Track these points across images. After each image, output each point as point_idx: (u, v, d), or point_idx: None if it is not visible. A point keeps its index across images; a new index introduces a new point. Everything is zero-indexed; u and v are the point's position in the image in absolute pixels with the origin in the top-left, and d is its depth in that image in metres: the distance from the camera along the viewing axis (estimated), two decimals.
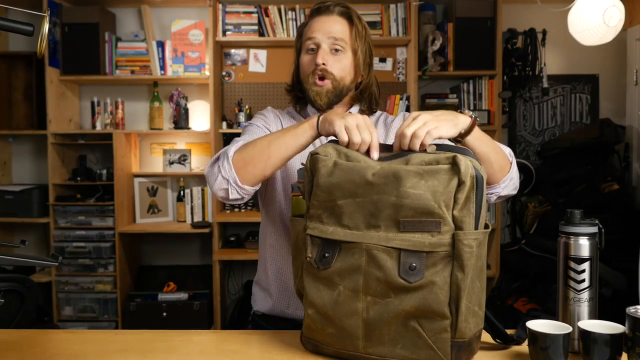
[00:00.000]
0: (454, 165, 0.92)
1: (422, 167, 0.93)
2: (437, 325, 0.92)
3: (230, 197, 1.19)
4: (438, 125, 1.03)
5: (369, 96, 1.41)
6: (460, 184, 0.91)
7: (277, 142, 1.16)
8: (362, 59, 1.36)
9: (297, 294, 1.12)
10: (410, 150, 1.01)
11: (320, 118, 1.14)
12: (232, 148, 1.20)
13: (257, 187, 1.21)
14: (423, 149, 1.01)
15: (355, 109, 1.42)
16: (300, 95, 1.41)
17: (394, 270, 0.92)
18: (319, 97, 1.34)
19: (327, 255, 0.99)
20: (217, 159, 1.21)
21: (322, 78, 1.34)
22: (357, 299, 0.96)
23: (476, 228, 0.93)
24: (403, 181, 0.93)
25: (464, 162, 0.92)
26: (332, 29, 1.34)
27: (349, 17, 1.36)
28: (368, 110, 1.42)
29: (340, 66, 1.34)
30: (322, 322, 1.00)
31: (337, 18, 1.36)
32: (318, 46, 1.34)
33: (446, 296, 0.91)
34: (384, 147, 1.06)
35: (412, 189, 0.92)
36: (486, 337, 1.06)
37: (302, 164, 1.10)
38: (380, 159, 1.02)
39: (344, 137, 1.05)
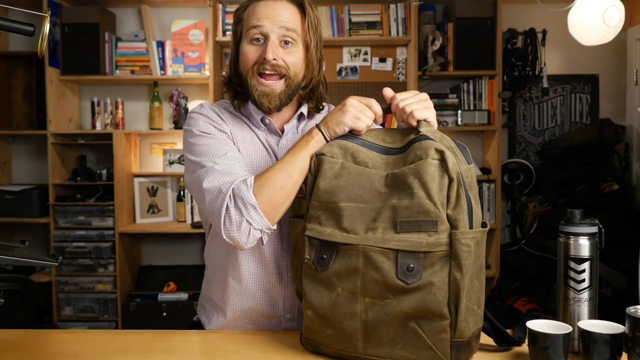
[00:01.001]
0: (442, 162, 0.92)
1: (416, 165, 0.93)
2: (436, 325, 0.92)
3: (264, 242, 1.10)
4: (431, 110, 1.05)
5: (317, 95, 1.26)
6: (451, 181, 0.92)
7: (299, 170, 1.07)
8: (314, 55, 1.20)
9: (296, 294, 1.12)
10: (409, 131, 1.03)
11: (322, 129, 1.08)
12: (247, 193, 1.04)
13: None
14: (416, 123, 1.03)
15: (304, 108, 1.27)
16: (239, 89, 1.23)
17: (391, 272, 0.92)
18: (267, 100, 1.17)
19: (325, 256, 0.98)
20: (227, 208, 1.04)
21: (271, 75, 1.16)
22: (356, 300, 0.96)
23: (471, 227, 0.93)
24: (403, 184, 0.93)
25: (451, 158, 0.92)
26: (281, 17, 1.15)
27: (301, 4, 1.19)
28: (315, 110, 1.28)
29: (292, 60, 1.17)
30: (321, 324, 1.00)
31: (286, 4, 1.17)
32: (266, 37, 1.16)
33: (445, 296, 0.91)
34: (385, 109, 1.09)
35: (409, 189, 0.92)
36: (486, 338, 1.06)
37: None
38: (386, 151, 1.02)
39: (362, 126, 1.06)
